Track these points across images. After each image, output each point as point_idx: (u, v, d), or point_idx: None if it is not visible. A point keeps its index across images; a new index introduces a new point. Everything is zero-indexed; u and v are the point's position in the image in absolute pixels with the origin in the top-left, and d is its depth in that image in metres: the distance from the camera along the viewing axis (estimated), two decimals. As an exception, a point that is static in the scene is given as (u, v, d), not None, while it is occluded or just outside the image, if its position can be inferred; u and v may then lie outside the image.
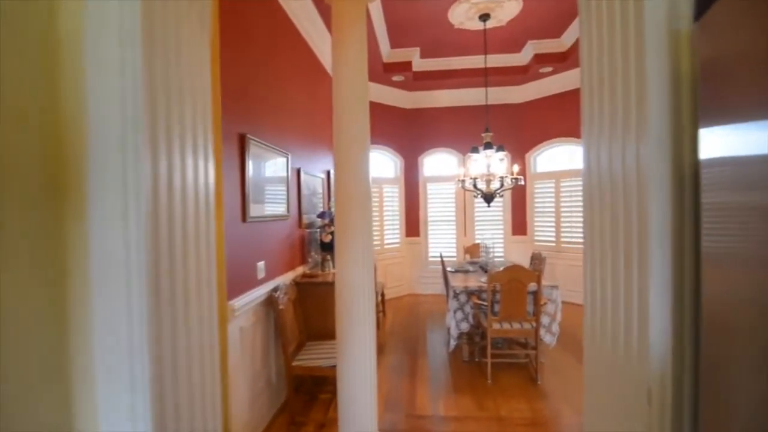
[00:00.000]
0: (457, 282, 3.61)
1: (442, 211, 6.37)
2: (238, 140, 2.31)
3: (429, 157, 6.42)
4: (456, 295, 3.46)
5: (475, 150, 4.25)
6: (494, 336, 3.17)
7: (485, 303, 3.22)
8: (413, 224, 6.39)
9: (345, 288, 2.13)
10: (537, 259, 4.20)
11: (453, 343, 3.44)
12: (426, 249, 6.38)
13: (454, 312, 3.46)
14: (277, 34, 2.97)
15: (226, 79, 2.17)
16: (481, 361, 3.51)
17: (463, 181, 4.31)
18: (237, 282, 2.26)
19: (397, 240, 6.25)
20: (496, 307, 3.39)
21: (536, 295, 3.11)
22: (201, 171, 0.82)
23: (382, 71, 5.38)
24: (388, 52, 5.26)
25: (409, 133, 6.38)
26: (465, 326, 3.47)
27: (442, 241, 6.37)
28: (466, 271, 4.18)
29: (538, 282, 3.04)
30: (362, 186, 2.11)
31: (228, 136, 2.18)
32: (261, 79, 2.64)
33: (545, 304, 3.24)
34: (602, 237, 0.76)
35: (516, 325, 3.16)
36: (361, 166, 2.11)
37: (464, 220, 6.28)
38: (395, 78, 5.63)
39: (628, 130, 0.72)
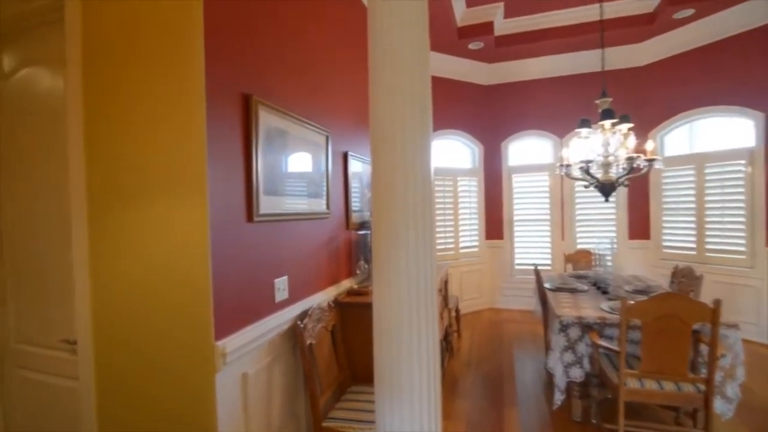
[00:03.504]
0: (566, 309, 2.53)
1: (533, 209, 5.17)
2: (240, 104, 1.59)
3: (515, 142, 5.26)
4: (564, 329, 2.40)
5: (585, 124, 3.10)
6: (632, 399, 2.06)
7: (616, 348, 2.11)
8: (495, 224, 5.29)
9: (384, 335, 1.28)
10: (685, 277, 2.90)
11: (560, 397, 2.39)
12: (511, 255, 5.25)
13: (562, 352, 2.40)
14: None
15: (216, 13, 1.46)
16: (601, 427, 2.40)
17: (568, 166, 3.17)
18: (237, 310, 1.54)
19: (476, 243, 5.21)
20: (626, 346, 2.26)
21: (705, 339, 1.93)
22: None
23: (456, 38, 4.41)
24: (462, 13, 4.28)
25: (489, 114, 5.30)
26: (578, 374, 2.39)
27: (532, 246, 5.18)
28: (573, 290, 3.04)
29: (714, 322, 1.87)
30: (418, 178, 1.23)
31: (219, 96, 1.46)
32: (279, 21, 1.90)
33: (723, 355, 2.03)
34: None
35: (669, 386, 2.01)
36: (416, 148, 1.23)
37: (561, 219, 5.01)
38: (472, 46, 4.61)
39: None
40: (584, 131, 3.12)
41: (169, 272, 1.41)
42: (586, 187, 3.10)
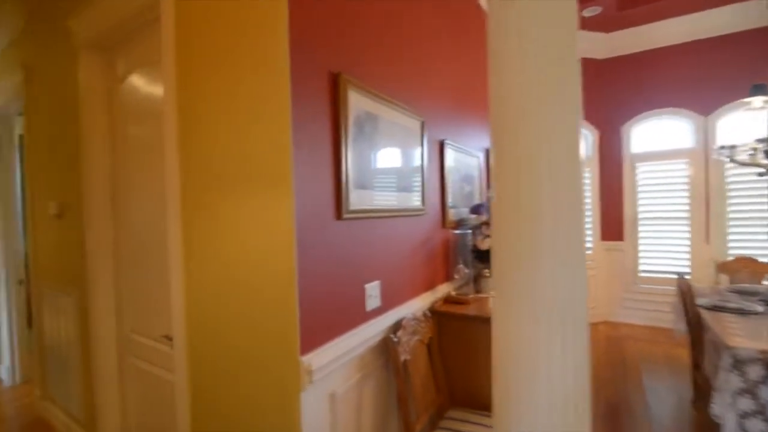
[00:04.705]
0: (740, 338, 1.89)
1: (665, 204, 4.26)
2: (328, 83, 1.40)
3: (640, 124, 4.39)
4: (739, 365, 1.78)
5: (759, 90, 2.34)
6: None
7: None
8: (613, 223, 4.50)
9: (511, 367, 0.95)
10: None
11: (732, 456, 1.78)
12: (634, 259, 4.41)
13: (735, 396, 1.79)
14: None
15: (303, -25, 1.27)
16: (800, 505, 1.73)
17: (732, 148, 2.42)
18: (325, 320, 1.35)
19: (589, 245, 4.49)
20: None
21: None
22: None
23: (566, 5, 3.78)
24: (576, -26, 3.64)
25: (605, 94, 4.51)
26: (760, 428, 1.75)
27: (663, 249, 4.28)
28: (740, 311, 2.31)
29: None
30: (564, 166, 0.87)
31: (305, 74, 1.28)
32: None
33: None
34: None
35: None
36: (563, 124, 0.88)
37: (706, 217, 4.03)
38: (586, 12, 3.93)
39: None
40: (757, 100, 2.36)
41: (251, 277, 1.28)
42: (761, 175, 2.33)
